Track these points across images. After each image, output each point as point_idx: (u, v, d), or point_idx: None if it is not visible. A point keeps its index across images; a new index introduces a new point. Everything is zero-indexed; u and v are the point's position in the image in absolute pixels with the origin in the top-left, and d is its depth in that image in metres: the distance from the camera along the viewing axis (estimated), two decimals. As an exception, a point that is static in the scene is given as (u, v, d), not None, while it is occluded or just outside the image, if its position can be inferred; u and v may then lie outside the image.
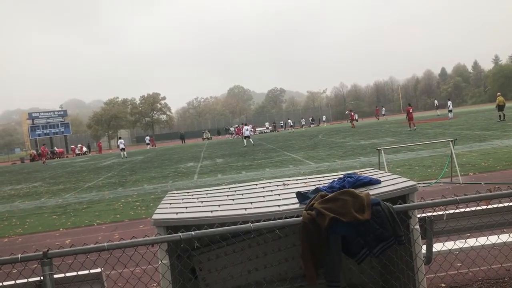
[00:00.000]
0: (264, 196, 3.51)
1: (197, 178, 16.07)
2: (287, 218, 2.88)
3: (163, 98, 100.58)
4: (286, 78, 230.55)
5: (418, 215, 3.32)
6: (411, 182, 3.24)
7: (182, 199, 3.73)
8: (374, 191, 3.11)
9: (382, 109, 69.72)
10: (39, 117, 76.71)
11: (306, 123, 73.16)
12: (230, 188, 4.00)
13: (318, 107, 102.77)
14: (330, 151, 20.64)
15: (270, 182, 4.07)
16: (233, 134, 62.13)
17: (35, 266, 2.86)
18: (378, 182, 3.37)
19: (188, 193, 4.02)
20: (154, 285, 4.98)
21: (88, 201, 13.35)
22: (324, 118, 75.94)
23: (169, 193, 4.13)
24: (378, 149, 9.90)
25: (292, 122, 65.93)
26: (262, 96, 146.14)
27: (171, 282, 3.02)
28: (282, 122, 74.54)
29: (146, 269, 4.51)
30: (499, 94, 30.90)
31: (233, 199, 3.50)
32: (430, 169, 11.65)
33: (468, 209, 3.64)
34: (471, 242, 4.03)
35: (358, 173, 3.86)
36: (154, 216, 3.18)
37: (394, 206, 2.85)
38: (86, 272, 3.18)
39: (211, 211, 3.16)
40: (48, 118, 76.57)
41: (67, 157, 61.47)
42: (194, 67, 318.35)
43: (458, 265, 4.47)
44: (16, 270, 3.22)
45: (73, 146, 70.69)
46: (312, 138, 33.51)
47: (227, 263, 3.47)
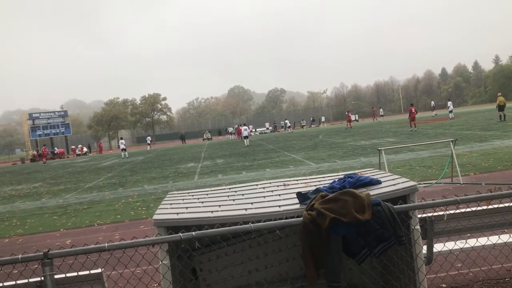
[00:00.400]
0: (264, 196, 3.51)
1: (197, 179, 16.08)
2: (288, 219, 2.88)
3: (164, 99, 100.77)
4: (286, 78, 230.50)
5: (419, 216, 3.32)
6: (412, 183, 3.24)
7: (183, 200, 3.74)
8: (374, 192, 3.11)
9: (380, 110, 69.12)
10: (40, 117, 76.69)
11: (307, 123, 73.10)
12: (230, 188, 4.00)
13: (319, 107, 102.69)
14: (331, 152, 20.63)
15: (270, 183, 4.07)
16: (233, 134, 62.19)
17: (36, 266, 2.86)
18: (378, 182, 3.37)
19: (188, 193, 4.02)
20: (155, 285, 4.98)
21: (88, 201, 13.35)
22: (323, 118, 75.73)
23: (169, 193, 4.14)
24: (378, 149, 9.90)
25: (289, 123, 65.71)
26: (262, 96, 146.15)
27: (172, 282, 3.03)
28: (283, 123, 74.45)
29: (146, 269, 4.51)
30: (500, 94, 30.89)
31: (233, 200, 3.50)
32: (430, 169, 11.65)
33: (468, 209, 3.64)
34: (472, 242, 4.03)
35: (359, 173, 3.86)
36: (155, 216, 3.19)
37: (395, 207, 2.85)
38: (87, 272, 3.18)
39: (212, 212, 3.16)
40: (48, 118, 76.53)
41: (68, 157, 61.52)
42: (194, 67, 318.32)
43: (459, 265, 4.47)
44: (16, 271, 3.22)
45: (73, 147, 70.76)
46: (312, 139, 33.50)
47: (228, 264, 3.47)
